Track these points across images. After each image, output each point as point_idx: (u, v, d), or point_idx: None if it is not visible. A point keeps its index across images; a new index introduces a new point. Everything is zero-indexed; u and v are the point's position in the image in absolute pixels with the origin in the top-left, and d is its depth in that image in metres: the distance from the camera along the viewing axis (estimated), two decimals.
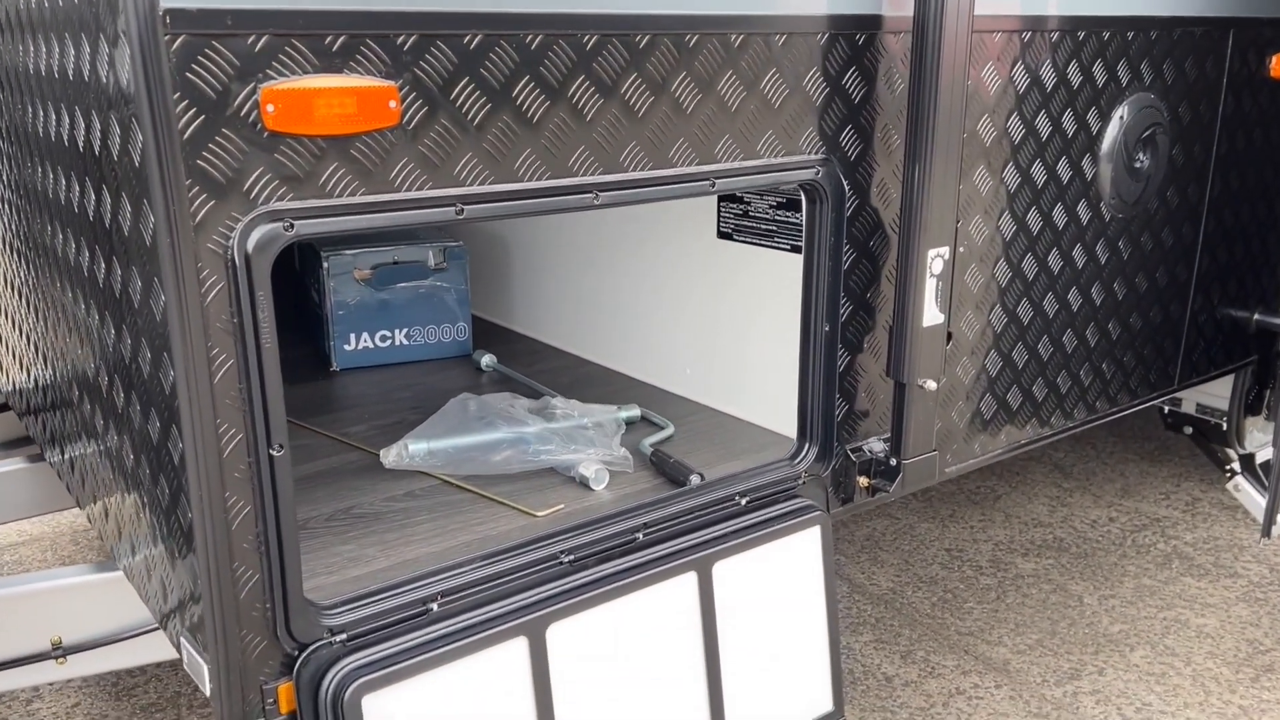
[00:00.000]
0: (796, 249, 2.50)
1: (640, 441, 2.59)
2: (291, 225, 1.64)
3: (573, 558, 2.05)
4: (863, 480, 2.46)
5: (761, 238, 2.63)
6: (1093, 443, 5.09)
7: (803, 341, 2.37)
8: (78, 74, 1.79)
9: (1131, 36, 2.77)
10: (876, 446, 2.47)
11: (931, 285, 2.29)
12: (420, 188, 1.76)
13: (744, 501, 2.31)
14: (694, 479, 2.33)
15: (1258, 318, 3.47)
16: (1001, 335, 2.71)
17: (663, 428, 2.71)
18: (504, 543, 2.04)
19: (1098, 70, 2.73)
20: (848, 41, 2.22)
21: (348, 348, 3.35)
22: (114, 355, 1.94)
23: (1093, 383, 3.02)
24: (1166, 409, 4.08)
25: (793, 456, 2.41)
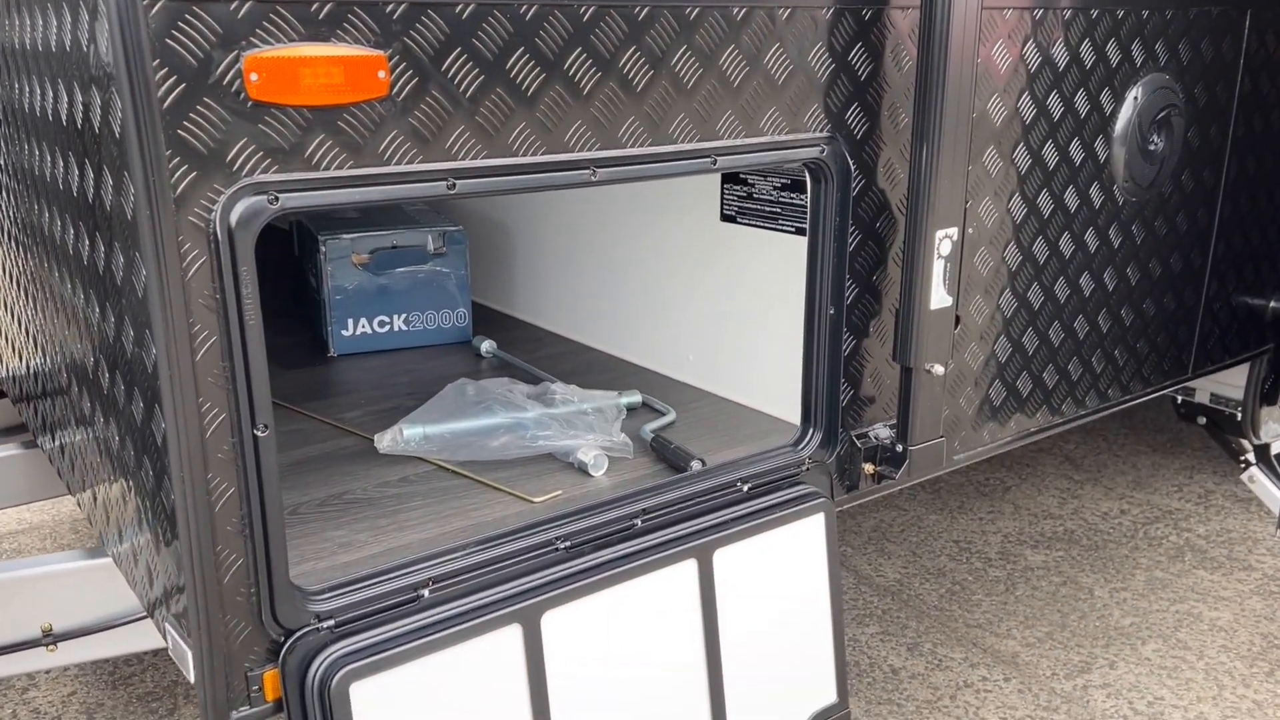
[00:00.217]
0: (801, 231, 2.44)
1: (641, 427, 2.53)
2: (276, 198, 1.59)
3: (569, 544, 2.00)
4: (868, 467, 2.40)
5: (766, 220, 2.57)
6: (1104, 434, 5.03)
7: (807, 325, 2.31)
8: (60, 45, 1.74)
9: (1146, 15, 2.71)
10: (882, 433, 2.42)
11: (939, 267, 2.23)
12: (410, 161, 1.71)
13: (746, 488, 2.25)
14: (695, 465, 2.28)
15: (1274, 305, 3.40)
16: (1011, 320, 2.65)
17: (664, 414, 2.66)
18: (499, 528, 1.99)
19: (1111, 50, 2.67)
20: (854, 16, 2.16)
21: (345, 333, 3.30)
22: (99, 335, 1.90)
23: (1105, 370, 2.96)
24: (1180, 399, 4.01)
25: (796, 442, 2.36)
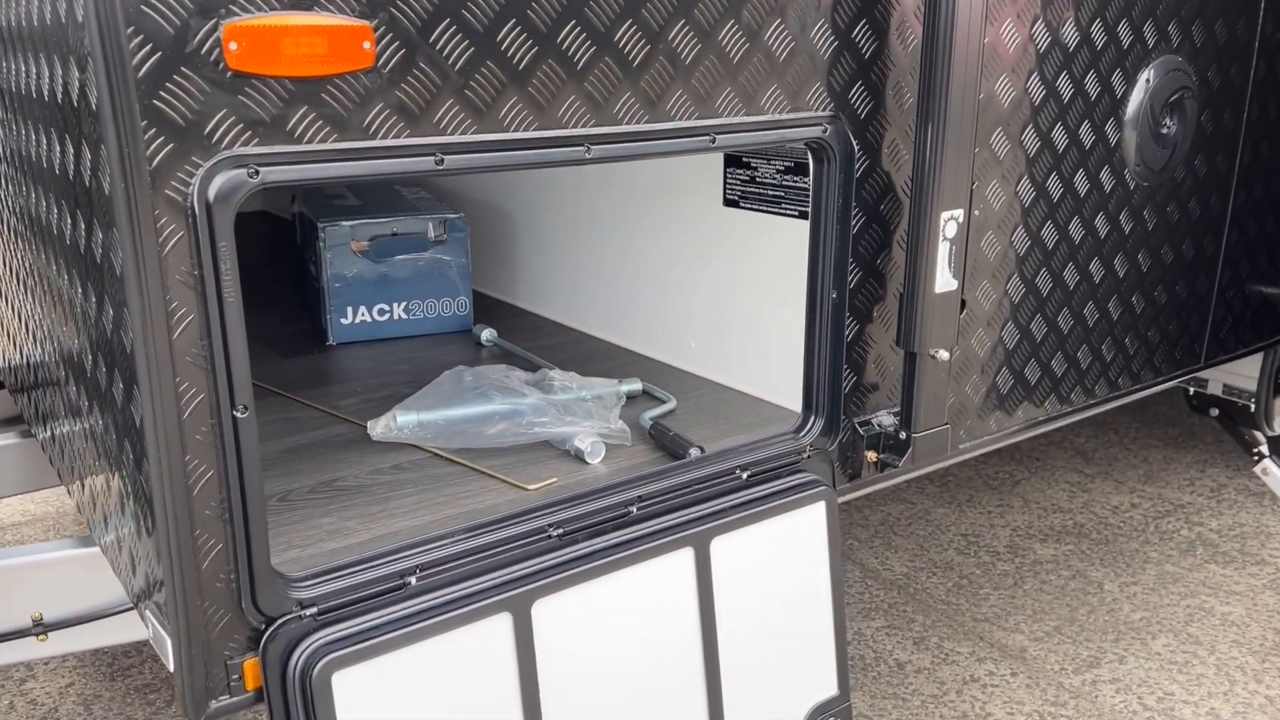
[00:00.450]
0: (805, 216, 2.39)
1: (640, 415, 2.48)
2: (257, 172, 1.54)
3: (562, 531, 1.95)
4: (871, 455, 2.35)
5: (769, 204, 2.51)
6: (1115, 428, 4.96)
7: (809, 309, 2.25)
8: (43, 20, 1.70)
9: None
10: (886, 420, 2.36)
11: (944, 249, 2.18)
12: (397, 136, 1.66)
13: (745, 475, 2.20)
14: (693, 452, 2.23)
15: None
16: (1019, 306, 2.59)
17: (664, 402, 2.61)
18: (489, 515, 1.94)
19: (1123, 30, 2.61)
20: None
21: (344, 321, 3.25)
22: (83, 317, 1.85)
23: (1115, 358, 2.90)
24: (1192, 390, 3.96)
25: (797, 429, 2.30)
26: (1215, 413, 3.98)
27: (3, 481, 3.24)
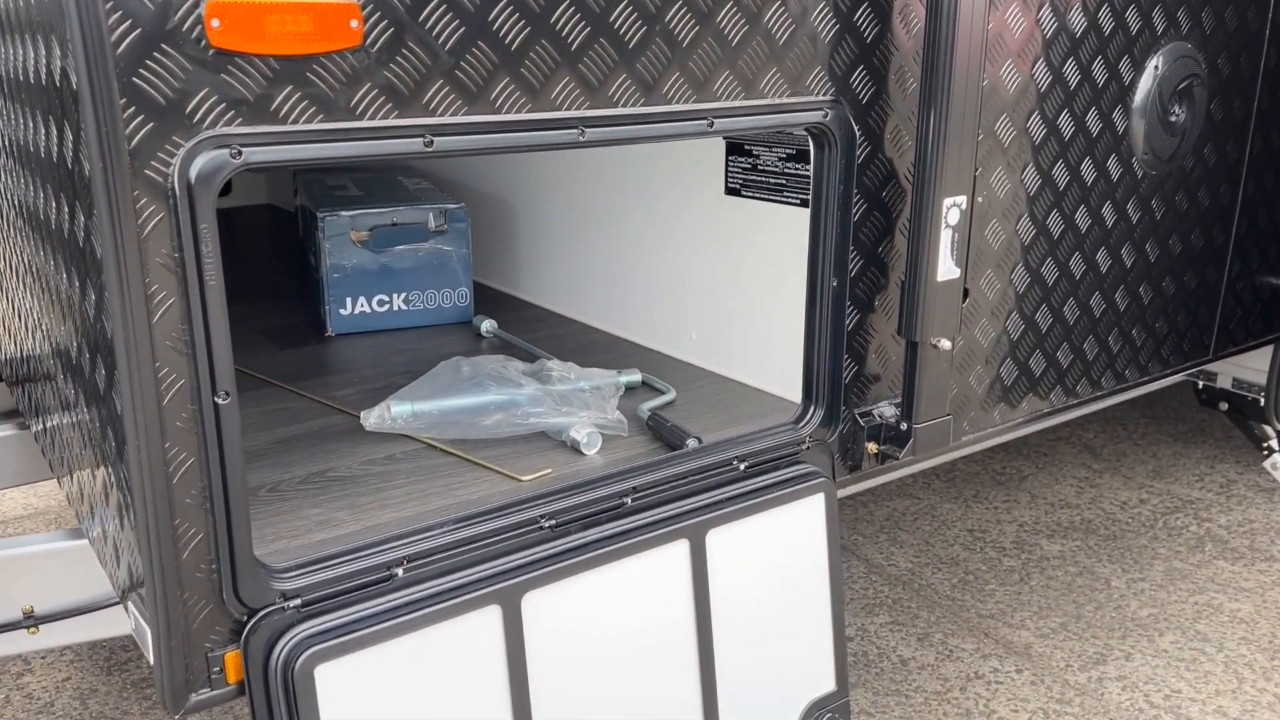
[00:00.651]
0: (806, 203, 2.35)
1: (638, 406, 2.44)
2: (239, 152, 1.51)
3: (554, 522, 1.91)
4: (871, 446, 2.31)
5: (770, 192, 2.48)
6: (1124, 423, 4.91)
7: (809, 297, 2.21)
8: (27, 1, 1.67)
9: None
10: (887, 411, 2.32)
11: (947, 237, 2.14)
12: (385, 116, 1.62)
13: (743, 467, 2.16)
14: (691, 443, 2.19)
15: None
16: (1024, 296, 2.55)
17: (664, 393, 2.57)
18: (479, 506, 1.90)
19: (1131, 16, 2.56)
20: None
21: (343, 312, 3.22)
22: (68, 303, 1.82)
23: (1122, 350, 2.85)
24: (1201, 384, 3.91)
25: (796, 420, 2.26)
26: (1224, 407, 3.93)
27: (2, 473, 3.23)
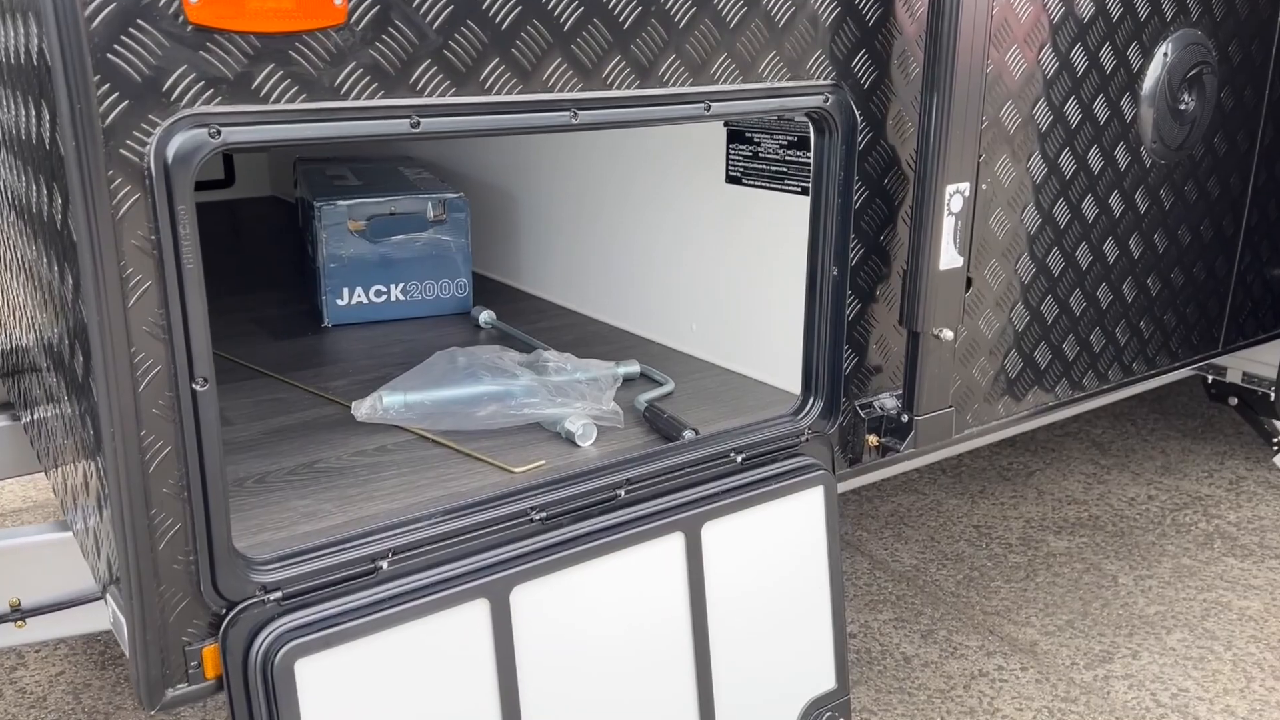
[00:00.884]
0: (807, 191, 2.30)
1: (636, 397, 2.40)
2: (218, 132, 1.47)
3: (545, 515, 1.86)
4: (872, 439, 2.26)
5: (771, 180, 2.43)
6: (1133, 418, 4.86)
7: (809, 287, 2.17)
8: None
9: None
10: (888, 403, 2.27)
11: (950, 224, 2.09)
12: (370, 96, 1.58)
13: (740, 459, 2.11)
14: (687, 434, 2.14)
15: None
16: (1029, 286, 2.50)
17: (662, 384, 2.52)
18: (468, 498, 1.86)
19: (1140, 2, 2.51)
20: None
21: (340, 303, 3.18)
22: (48, 289, 1.78)
23: (1129, 342, 2.80)
24: (1210, 378, 3.86)
25: (795, 411, 2.22)
26: (1234, 401, 3.88)
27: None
